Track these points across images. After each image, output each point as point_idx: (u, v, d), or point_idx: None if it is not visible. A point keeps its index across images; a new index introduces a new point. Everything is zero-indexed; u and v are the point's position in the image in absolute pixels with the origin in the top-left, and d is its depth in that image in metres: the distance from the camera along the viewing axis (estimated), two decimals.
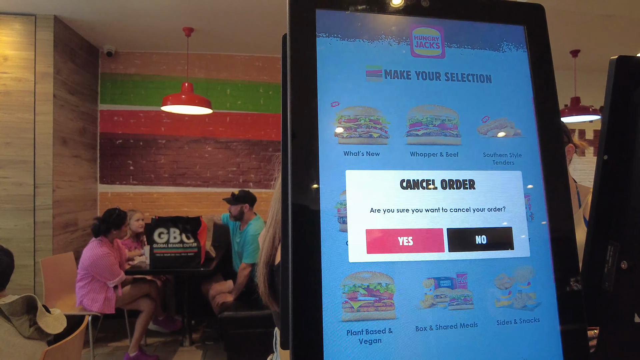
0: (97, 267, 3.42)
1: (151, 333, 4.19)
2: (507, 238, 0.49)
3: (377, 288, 0.45)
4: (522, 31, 0.51)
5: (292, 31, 0.46)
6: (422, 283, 0.46)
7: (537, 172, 0.50)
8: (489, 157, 0.50)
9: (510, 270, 0.48)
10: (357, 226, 0.45)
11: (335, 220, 0.45)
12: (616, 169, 0.64)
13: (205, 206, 5.18)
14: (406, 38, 0.49)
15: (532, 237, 0.49)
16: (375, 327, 0.44)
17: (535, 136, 0.51)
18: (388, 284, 0.45)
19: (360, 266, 0.45)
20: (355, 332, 0.43)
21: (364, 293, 0.44)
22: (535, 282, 0.48)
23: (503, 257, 0.48)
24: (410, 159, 0.48)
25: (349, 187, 0.46)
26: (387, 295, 0.45)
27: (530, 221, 0.49)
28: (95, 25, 4.33)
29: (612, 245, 0.65)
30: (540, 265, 0.49)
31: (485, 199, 0.49)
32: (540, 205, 0.50)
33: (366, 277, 0.45)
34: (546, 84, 0.51)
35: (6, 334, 1.57)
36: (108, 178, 5.06)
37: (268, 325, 2.05)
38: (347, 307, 0.44)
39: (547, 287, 0.49)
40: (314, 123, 0.45)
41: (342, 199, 0.46)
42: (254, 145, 5.30)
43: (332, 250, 0.44)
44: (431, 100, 0.49)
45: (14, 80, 3.89)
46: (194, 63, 5.11)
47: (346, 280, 0.44)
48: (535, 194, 0.50)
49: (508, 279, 0.48)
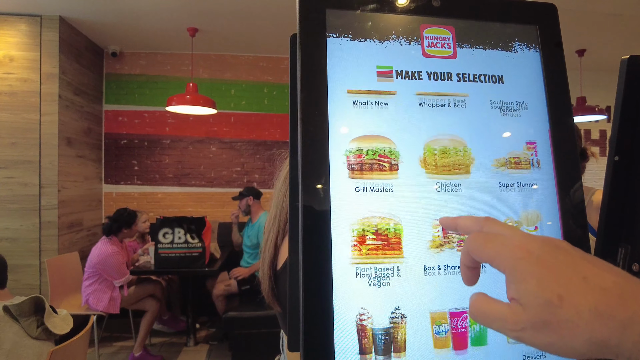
0: (105, 265, 3.43)
1: (156, 333, 4.20)
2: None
3: (385, 232, 0.45)
4: (534, 31, 0.51)
5: (301, 31, 0.46)
6: (430, 225, 0.47)
7: (550, 176, 0.50)
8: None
9: (517, 213, 0.49)
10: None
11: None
12: (627, 170, 0.63)
13: (210, 206, 5.18)
14: (417, 38, 0.49)
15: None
16: (384, 269, 0.45)
17: (548, 139, 0.50)
18: (396, 227, 0.46)
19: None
20: (364, 275, 0.44)
21: (372, 237, 0.45)
22: (543, 226, 0.49)
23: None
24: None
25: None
26: (396, 239, 0.46)
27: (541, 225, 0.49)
28: (100, 26, 4.34)
29: (622, 248, 0.64)
30: (548, 210, 0.49)
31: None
32: (554, 212, 0.49)
33: (375, 222, 0.45)
34: (559, 84, 0.50)
35: (15, 335, 1.58)
36: (113, 178, 5.07)
37: (273, 325, 2.04)
38: (356, 250, 0.44)
39: (554, 231, 0.49)
40: (325, 124, 0.45)
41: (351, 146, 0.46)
42: (258, 146, 5.30)
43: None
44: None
45: (20, 81, 3.91)
46: (198, 63, 5.11)
47: (355, 224, 0.45)
48: (548, 200, 0.49)
49: (515, 222, 0.49)
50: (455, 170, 0.48)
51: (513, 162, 0.50)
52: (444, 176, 0.48)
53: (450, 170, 0.48)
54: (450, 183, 0.48)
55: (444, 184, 0.48)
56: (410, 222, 0.46)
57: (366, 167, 0.46)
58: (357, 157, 0.46)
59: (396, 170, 0.47)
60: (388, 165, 0.47)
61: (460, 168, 0.48)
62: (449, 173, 0.48)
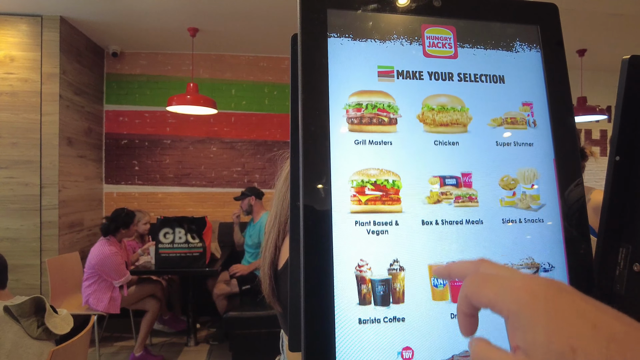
0: (104, 266, 3.43)
1: (156, 333, 4.20)
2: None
3: (384, 184, 0.46)
4: (535, 31, 0.51)
5: (302, 31, 0.46)
6: (427, 180, 0.47)
7: (551, 175, 0.50)
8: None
9: (513, 171, 0.50)
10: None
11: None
12: (628, 170, 0.63)
13: (210, 206, 5.18)
14: (418, 38, 0.49)
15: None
16: (382, 219, 0.46)
17: (550, 139, 0.50)
18: (395, 180, 0.47)
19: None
20: (363, 223, 0.45)
21: (371, 188, 0.46)
22: (539, 183, 0.50)
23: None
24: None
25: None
26: (394, 191, 0.46)
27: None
28: (101, 26, 4.34)
29: (623, 248, 0.64)
30: (544, 169, 0.50)
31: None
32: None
33: (373, 174, 0.46)
34: (560, 85, 0.50)
35: (15, 335, 1.58)
36: (113, 178, 5.08)
37: (273, 325, 2.04)
38: (355, 200, 0.45)
39: (551, 190, 0.50)
40: (326, 124, 0.45)
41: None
42: (259, 146, 5.30)
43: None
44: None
45: (21, 81, 3.91)
46: (198, 63, 5.12)
47: (354, 175, 0.46)
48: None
49: (512, 180, 0.49)
50: (453, 126, 0.49)
51: (509, 122, 0.51)
52: (442, 131, 0.49)
53: (448, 126, 0.49)
54: (448, 139, 0.49)
55: (441, 139, 0.49)
56: (409, 176, 0.47)
57: (365, 120, 0.47)
58: (357, 111, 0.47)
59: (395, 124, 0.48)
60: (387, 119, 0.48)
61: (458, 125, 0.49)
62: (447, 128, 0.49)
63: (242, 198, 4.14)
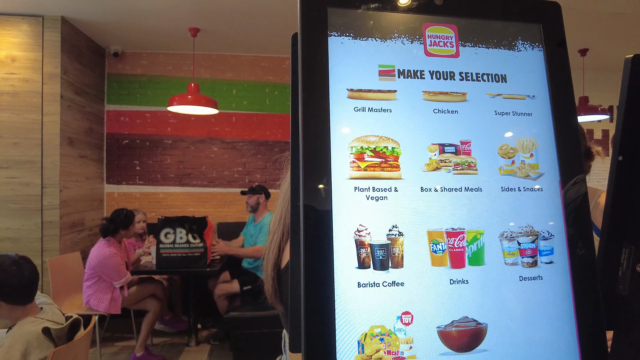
0: (104, 267, 3.43)
1: (157, 333, 4.20)
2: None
3: (383, 151, 0.46)
4: (538, 29, 0.50)
5: (303, 30, 0.45)
6: (426, 147, 0.48)
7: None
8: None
9: (512, 139, 0.50)
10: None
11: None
12: (631, 169, 0.63)
13: (212, 206, 5.18)
14: (419, 37, 0.48)
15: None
16: (381, 186, 0.46)
17: (553, 138, 0.50)
18: (394, 147, 0.47)
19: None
20: (362, 189, 0.45)
21: (370, 154, 0.46)
22: (538, 153, 0.50)
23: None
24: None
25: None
26: (393, 158, 0.47)
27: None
28: (102, 26, 4.34)
29: (626, 248, 0.64)
30: (544, 138, 0.50)
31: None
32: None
33: (373, 140, 0.47)
34: (563, 83, 0.50)
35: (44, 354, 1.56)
36: (114, 178, 5.08)
37: (274, 325, 2.04)
38: (355, 166, 0.46)
39: (550, 159, 0.50)
40: (326, 123, 0.44)
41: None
42: (260, 146, 5.30)
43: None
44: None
45: (22, 81, 3.91)
46: (199, 63, 5.12)
47: (354, 142, 0.46)
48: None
49: (511, 149, 0.50)
50: (453, 95, 0.49)
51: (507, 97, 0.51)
52: (441, 99, 0.49)
53: (448, 94, 0.49)
54: (447, 107, 0.49)
55: (441, 107, 0.49)
56: (408, 143, 0.48)
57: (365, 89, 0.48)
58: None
59: (394, 92, 0.48)
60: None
61: (457, 95, 0.50)
62: (447, 97, 0.49)
63: (251, 193, 4.11)
